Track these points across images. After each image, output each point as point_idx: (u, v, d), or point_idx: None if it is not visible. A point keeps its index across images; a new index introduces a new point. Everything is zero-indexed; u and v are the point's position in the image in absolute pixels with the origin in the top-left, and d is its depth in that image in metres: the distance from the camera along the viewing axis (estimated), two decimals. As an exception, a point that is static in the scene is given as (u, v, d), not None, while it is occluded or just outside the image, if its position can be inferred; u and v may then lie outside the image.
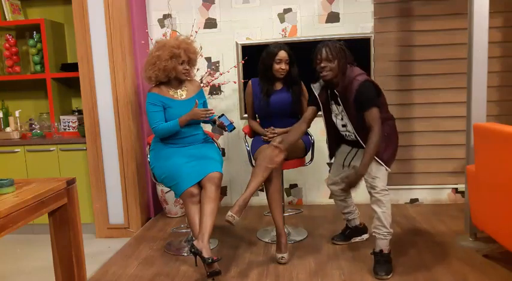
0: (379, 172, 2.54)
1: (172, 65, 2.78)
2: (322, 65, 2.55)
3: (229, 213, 2.51)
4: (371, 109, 2.45)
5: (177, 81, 2.89)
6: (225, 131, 2.85)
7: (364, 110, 2.47)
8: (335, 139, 2.80)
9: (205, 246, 2.45)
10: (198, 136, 2.88)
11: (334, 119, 2.72)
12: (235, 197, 3.95)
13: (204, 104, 3.00)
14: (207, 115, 2.72)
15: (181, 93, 2.88)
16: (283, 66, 2.91)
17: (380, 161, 2.52)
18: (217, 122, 2.86)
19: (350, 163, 2.72)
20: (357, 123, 2.55)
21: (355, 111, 2.52)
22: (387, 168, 2.55)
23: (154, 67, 2.80)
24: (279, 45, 2.95)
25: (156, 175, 2.85)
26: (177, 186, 2.68)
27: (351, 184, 2.48)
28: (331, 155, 2.87)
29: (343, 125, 2.67)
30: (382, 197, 2.51)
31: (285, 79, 3.00)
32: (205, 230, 2.50)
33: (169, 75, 2.82)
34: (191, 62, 2.88)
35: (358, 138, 2.57)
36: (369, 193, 2.58)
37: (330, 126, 2.77)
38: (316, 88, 2.75)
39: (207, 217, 2.54)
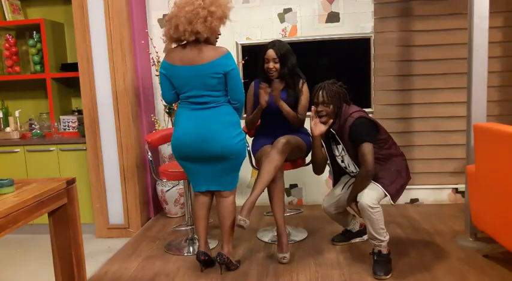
0: (376, 195, 2.47)
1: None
2: (319, 109, 2.60)
3: (240, 217, 2.51)
4: (363, 144, 2.48)
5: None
6: None
7: (357, 146, 2.51)
8: (339, 172, 2.86)
9: (229, 252, 2.65)
10: None
11: (337, 159, 2.77)
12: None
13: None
14: None
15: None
16: (271, 65, 2.85)
17: (385, 192, 2.49)
18: None
19: (351, 185, 2.74)
20: (357, 161, 2.57)
21: (353, 150, 2.57)
22: (392, 202, 2.53)
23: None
24: (272, 43, 2.88)
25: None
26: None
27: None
28: (334, 183, 2.91)
29: (345, 167, 2.76)
30: (372, 215, 2.45)
31: (283, 79, 2.92)
32: (224, 240, 2.66)
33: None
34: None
35: None
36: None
37: (334, 163, 2.81)
38: None
39: (226, 232, 2.66)
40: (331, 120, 2.60)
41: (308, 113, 2.90)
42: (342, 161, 2.75)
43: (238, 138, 2.54)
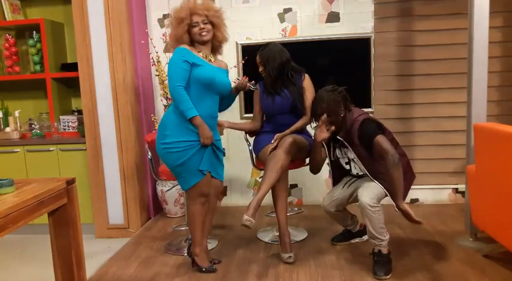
0: (377, 193, 2.49)
1: (182, 32, 2.52)
2: (322, 119, 2.56)
3: (246, 217, 2.50)
4: (375, 139, 2.47)
5: (202, 47, 2.57)
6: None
7: (370, 143, 2.49)
8: (339, 173, 2.86)
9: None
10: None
11: (340, 160, 2.77)
12: (235, 197, 3.94)
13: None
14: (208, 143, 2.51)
15: (210, 59, 2.60)
16: (260, 69, 2.95)
17: (386, 192, 2.50)
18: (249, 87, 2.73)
19: (351, 185, 2.76)
20: (367, 162, 2.57)
21: (364, 151, 2.54)
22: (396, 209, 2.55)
23: (170, 37, 2.61)
24: (262, 47, 2.96)
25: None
26: None
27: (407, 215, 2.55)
28: (334, 184, 2.90)
29: (349, 169, 2.75)
30: (373, 214, 2.46)
31: (276, 82, 2.94)
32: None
33: (183, 42, 2.54)
34: (210, 20, 2.53)
35: (369, 175, 2.58)
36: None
37: (335, 164, 2.81)
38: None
39: (208, 224, 2.72)
40: (333, 127, 2.58)
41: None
42: (347, 163, 2.74)
43: (161, 140, 2.51)
